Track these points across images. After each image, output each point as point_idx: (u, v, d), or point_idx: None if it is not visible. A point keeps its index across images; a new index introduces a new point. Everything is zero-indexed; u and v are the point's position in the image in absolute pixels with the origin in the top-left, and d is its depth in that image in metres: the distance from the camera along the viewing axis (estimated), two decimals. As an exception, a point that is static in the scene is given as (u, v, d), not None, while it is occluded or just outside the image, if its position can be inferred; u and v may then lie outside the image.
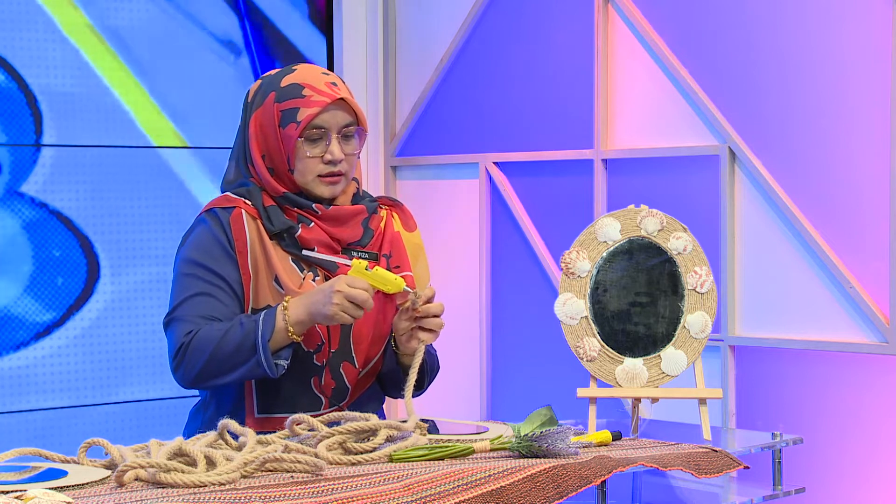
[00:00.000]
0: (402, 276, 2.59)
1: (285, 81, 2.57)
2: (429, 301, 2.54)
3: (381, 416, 2.68)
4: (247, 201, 2.58)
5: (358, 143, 2.60)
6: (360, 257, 2.61)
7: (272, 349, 2.46)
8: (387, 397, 2.72)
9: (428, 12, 4.45)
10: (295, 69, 2.61)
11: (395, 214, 2.71)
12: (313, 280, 2.56)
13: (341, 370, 2.58)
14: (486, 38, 4.28)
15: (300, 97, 2.55)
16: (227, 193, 2.61)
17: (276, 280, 2.54)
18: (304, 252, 2.54)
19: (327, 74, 2.60)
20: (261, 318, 2.47)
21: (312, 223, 2.58)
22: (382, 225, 2.67)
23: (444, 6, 4.40)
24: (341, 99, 2.56)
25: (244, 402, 2.56)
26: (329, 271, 2.57)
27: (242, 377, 2.49)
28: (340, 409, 2.58)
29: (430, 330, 2.54)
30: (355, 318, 2.45)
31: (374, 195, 2.73)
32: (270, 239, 2.57)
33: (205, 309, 2.52)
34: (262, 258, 2.55)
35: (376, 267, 2.50)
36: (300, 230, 2.56)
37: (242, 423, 2.45)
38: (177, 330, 2.52)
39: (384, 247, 2.65)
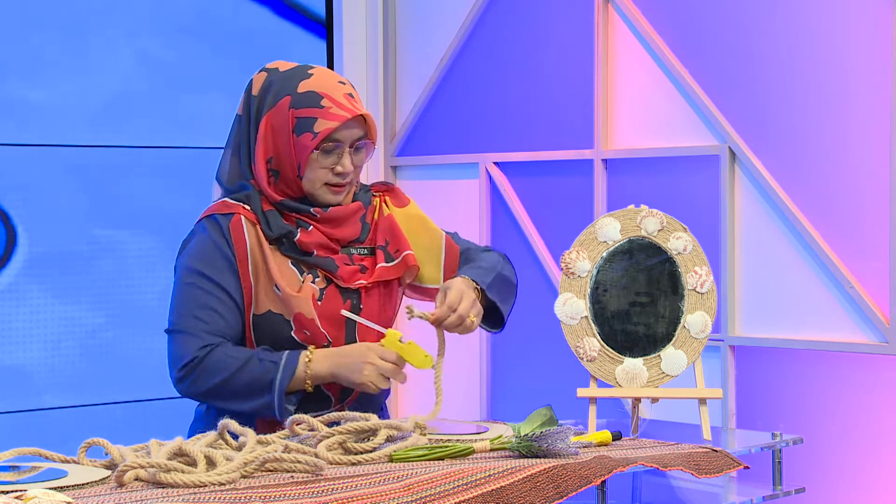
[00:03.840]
0: (403, 257, 2.63)
1: (303, 87, 2.55)
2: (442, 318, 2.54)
3: (384, 416, 2.69)
4: (245, 206, 2.57)
5: (366, 154, 2.60)
6: (360, 254, 2.62)
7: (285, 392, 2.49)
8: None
9: (428, 12, 4.45)
10: (311, 73, 2.57)
11: (386, 198, 2.71)
12: (313, 282, 2.56)
13: None
14: (486, 38, 4.28)
15: (318, 107, 2.53)
16: (226, 199, 2.59)
17: (276, 285, 2.54)
18: (343, 312, 2.55)
19: (343, 84, 2.58)
20: (282, 361, 2.49)
21: (311, 226, 2.58)
22: (375, 215, 2.67)
23: (444, 6, 4.40)
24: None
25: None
26: (330, 272, 2.58)
27: (249, 410, 2.50)
28: (343, 407, 2.59)
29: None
30: (382, 389, 2.51)
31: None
32: (270, 244, 2.57)
33: (210, 324, 2.52)
34: (261, 264, 2.55)
35: (410, 341, 2.51)
36: (299, 234, 2.56)
37: (253, 426, 2.45)
38: (185, 343, 2.52)
39: (379, 237, 2.65)
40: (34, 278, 4.01)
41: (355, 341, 2.58)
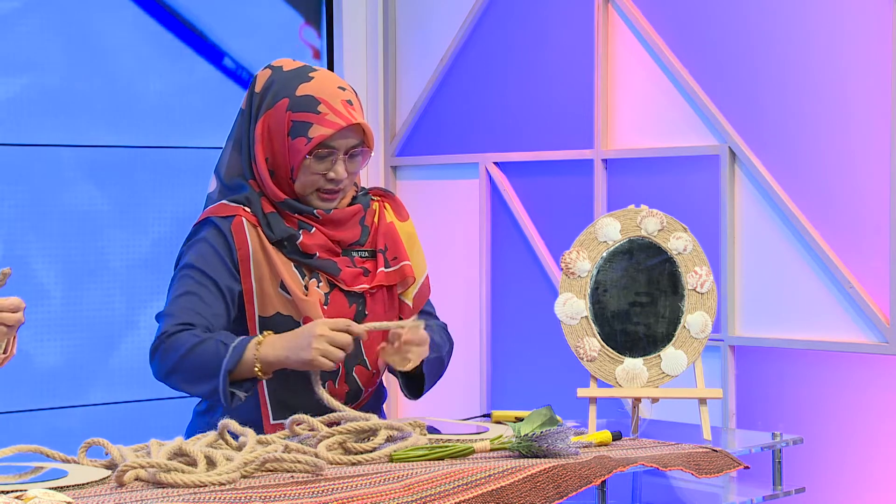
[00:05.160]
0: (401, 266, 2.60)
1: (301, 91, 2.53)
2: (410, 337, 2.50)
3: (382, 416, 2.68)
4: (245, 208, 2.55)
5: (362, 161, 2.58)
6: (361, 256, 2.62)
7: (235, 379, 2.43)
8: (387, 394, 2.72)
9: (428, 12, 4.45)
10: (312, 76, 2.55)
11: (387, 205, 2.70)
12: (318, 286, 2.55)
13: (354, 374, 2.57)
14: (486, 38, 4.28)
15: (314, 112, 2.51)
16: (224, 202, 2.57)
17: (283, 286, 2.53)
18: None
19: (344, 90, 2.55)
20: (232, 344, 2.43)
21: (314, 228, 2.57)
22: (376, 219, 2.66)
23: (444, 6, 4.40)
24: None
25: (259, 409, 2.54)
26: (332, 275, 2.57)
27: (203, 395, 2.49)
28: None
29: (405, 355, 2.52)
30: (336, 362, 2.42)
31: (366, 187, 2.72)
32: (272, 245, 2.55)
33: (192, 307, 2.50)
34: (265, 266, 2.53)
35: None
36: (301, 237, 2.55)
37: (259, 430, 2.42)
38: (162, 323, 2.52)
39: (379, 241, 2.64)
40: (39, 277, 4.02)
41: (360, 345, 2.55)
